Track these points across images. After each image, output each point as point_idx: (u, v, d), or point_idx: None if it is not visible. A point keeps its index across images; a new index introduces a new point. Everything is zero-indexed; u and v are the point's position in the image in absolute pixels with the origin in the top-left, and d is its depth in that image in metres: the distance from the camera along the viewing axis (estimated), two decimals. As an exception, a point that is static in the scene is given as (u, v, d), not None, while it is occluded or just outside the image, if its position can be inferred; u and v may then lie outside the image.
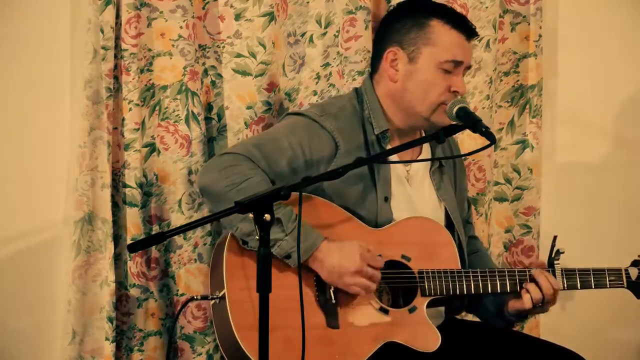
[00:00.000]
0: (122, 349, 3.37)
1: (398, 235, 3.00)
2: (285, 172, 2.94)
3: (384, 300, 2.98)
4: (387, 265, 2.96)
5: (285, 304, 2.78)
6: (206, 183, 2.93)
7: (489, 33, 3.59)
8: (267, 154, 2.94)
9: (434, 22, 3.02)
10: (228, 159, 2.93)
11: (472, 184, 3.67)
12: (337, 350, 2.87)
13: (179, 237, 3.38)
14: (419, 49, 3.02)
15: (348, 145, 3.01)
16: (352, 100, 3.11)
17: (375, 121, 3.06)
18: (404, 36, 3.03)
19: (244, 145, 3.00)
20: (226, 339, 2.85)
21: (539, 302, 3.02)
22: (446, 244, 3.05)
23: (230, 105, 3.42)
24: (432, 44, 3.01)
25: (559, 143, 3.82)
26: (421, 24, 3.02)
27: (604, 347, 3.86)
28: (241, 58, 3.39)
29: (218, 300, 2.86)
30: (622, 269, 3.14)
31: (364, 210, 3.01)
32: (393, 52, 3.04)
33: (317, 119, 3.02)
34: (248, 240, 2.87)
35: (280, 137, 2.98)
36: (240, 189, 2.85)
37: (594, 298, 3.81)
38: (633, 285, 3.14)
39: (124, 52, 3.26)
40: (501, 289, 3.03)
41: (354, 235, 2.95)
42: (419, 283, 2.97)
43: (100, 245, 3.29)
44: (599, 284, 3.11)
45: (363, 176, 3.01)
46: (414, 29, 3.02)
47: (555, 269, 3.07)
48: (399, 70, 3.04)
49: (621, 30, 3.82)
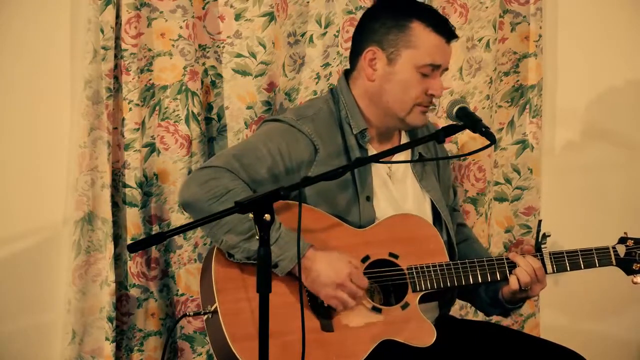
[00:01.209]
0: (122, 349, 3.37)
1: (383, 234, 2.99)
2: (266, 179, 2.94)
3: (376, 300, 2.98)
4: (376, 265, 2.96)
5: (279, 310, 2.78)
6: (188, 198, 2.91)
7: (489, 33, 3.60)
8: (246, 165, 2.93)
9: (415, 24, 2.99)
10: (208, 172, 2.91)
11: (472, 184, 3.67)
12: (334, 352, 2.87)
13: (179, 237, 3.38)
14: (399, 50, 2.99)
15: (327, 148, 3.01)
16: (328, 101, 3.10)
17: (353, 121, 3.05)
18: (383, 36, 3.01)
19: (223, 157, 2.98)
20: (222, 352, 2.85)
21: (526, 285, 3.01)
22: (432, 237, 3.04)
23: (230, 105, 3.42)
24: (412, 46, 2.98)
25: (559, 143, 3.82)
26: (402, 25, 2.99)
27: (604, 347, 3.86)
28: (241, 58, 3.39)
29: (210, 314, 2.86)
30: (609, 247, 3.13)
31: (347, 212, 3.00)
32: (372, 51, 3.02)
33: (294, 124, 3.01)
34: (233, 253, 2.87)
35: (259, 146, 2.97)
36: (222, 202, 2.84)
37: (594, 298, 3.81)
38: (622, 262, 3.13)
39: (124, 52, 3.26)
40: (491, 277, 3.03)
41: (339, 237, 2.95)
42: (409, 279, 2.97)
43: (100, 245, 3.29)
44: (587, 263, 3.10)
45: (343, 178, 2.99)
46: (394, 30, 3.00)
47: (543, 252, 3.07)
48: (377, 70, 3.02)
49: (621, 30, 3.82)
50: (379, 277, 2.97)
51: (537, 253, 3.07)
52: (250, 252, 2.84)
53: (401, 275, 2.97)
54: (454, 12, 3.61)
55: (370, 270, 2.95)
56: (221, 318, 2.82)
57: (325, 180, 2.78)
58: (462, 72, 3.63)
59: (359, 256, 2.95)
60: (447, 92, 3.65)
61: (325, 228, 2.95)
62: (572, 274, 3.18)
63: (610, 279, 3.52)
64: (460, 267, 3.01)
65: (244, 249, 2.85)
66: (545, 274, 3.05)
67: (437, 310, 3.12)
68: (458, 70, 3.63)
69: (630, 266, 3.13)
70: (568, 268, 3.08)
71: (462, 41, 3.62)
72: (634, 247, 3.12)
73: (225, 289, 2.86)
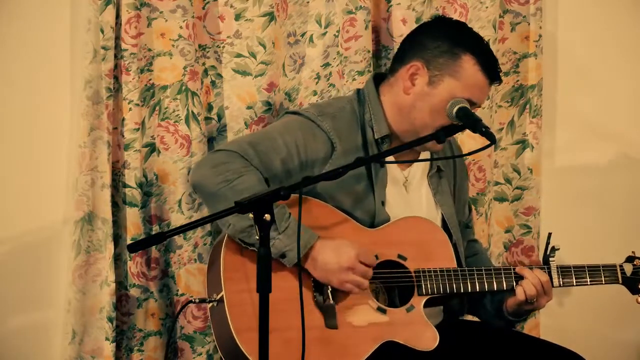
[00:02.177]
0: (122, 349, 3.37)
1: (394, 235, 3.00)
2: (279, 170, 2.94)
3: (381, 300, 2.99)
4: (384, 265, 2.96)
5: (283, 305, 2.78)
6: (199, 179, 2.92)
7: (489, 33, 3.59)
8: (261, 152, 2.93)
9: (467, 57, 2.98)
10: (221, 155, 2.92)
11: (472, 184, 3.67)
12: (336, 350, 2.87)
13: (179, 237, 3.38)
14: (443, 76, 2.98)
15: (345, 147, 3.00)
16: (353, 102, 3.09)
17: (377, 125, 3.04)
18: (433, 57, 2.99)
19: (238, 142, 2.99)
20: (225, 342, 2.85)
21: (532, 297, 3.02)
22: (442, 243, 3.05)
23: (230, 105, 3.42)
24: (457, 77, 2.98)
25: (559, 143, 3.82)
26: (454, 54, 2.98)
27: (604, 347, 3.86)
28: (241, 58, 3.39)
29: (216, 303, 2.86)
30: (616, 265, 3.15)
31: (361, 212, 3.00)
32: (417, 66, 3.00)
33: (314, 119, 3.01)
34: (243, 238, 2.86)
35: (275, 136, 2.98)
36: (233, 186, 2.84)
37: (594, 298, 3.81)
38: (628, 281, 3.15)
39: (124, 52, 3.26)
40: (497, 286, 3.03)
41: (349, 235, 2.95)
42: (416, 282, 2.98)
43: (100, 245, 3.29)
44: (594, 280, 3.13)
45: (360, 178, 3.00)
46: (445, 55, 2.98)
47: (551, 266, 3.08)
48: (415, 86, 3.01)
49: (621, 30, 3.82)
50: (386, 277, 2.97)
51: (544, 266, 3.08)
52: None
53: (408, 278, 2.98)
54: (454, 12, 3.61)
55: (377, 270, 2.95)
56: (227, 308, 2.82)
57: (326, 180, 2.79)
58: (462, 72, 3.63)
59: None
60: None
61: (335, 224, 2.95)
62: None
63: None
64: (467, 273, 3.01)
65: (252, 233, 2.81)
66: (551, 287, 3.06)
67: (441, 316, 3.12)
68: (458, 70, 3.63)
69: (636, 286, 3.17)
70: (574, 283, 3.10)
71: (462, 41, 3.62)
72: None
73: (233, 278, 2.86)
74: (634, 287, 3.17)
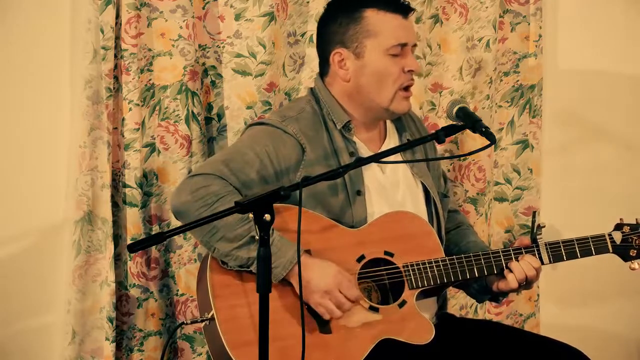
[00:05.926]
0: (122, 349, 3.37)
1: (378, 233, 2.99)
2: (256, 183, 2.94)
3: (373, 299, 2.98)
4: (371, 263, 2.96)
5: (276, 315, 2.79)
6: (179, 207, 2.92)
7: (489, 33, 3.60)
8: (235, 170, 2.93)
9: (368, 12, 3.00)
10: (199, 180, 2.91)
11: (472, 184, 3.67)
12: (333, 354, 2.87)
13: (179, 237, 3.38)
14: (362, 43, 3.00)
15: (314, 147, 3.01)
16: (310, 101, 3.10)
17: (335, 116, 3.05)
18: (343, 35, 3.02)
19: (211, 164, 2.98)
20: (221, 358, 2.85)
21: (523, 281, 3.02)
22: (427, 233, 3.04)
23: (230, 105, 3.42)
24: (373, 34, 3.00)
25: (559, 143, 3.82)
26: (356, 18, 3.00)
27: (604, 345, 3.86)
28: (241, 58, 3.39)
29: (208, 321, 2.86)
30: (605, 234, 3.10)
31: (339, 208, 3.00)
32: (339, 53, 3.03)
33: (279, 125, 3.01)
34: (227, 261, 2.87)
35: (245, 150, 2.97)
36: (213, 209, 2.85)
37: (594, 296, 3.81)
38: (619, 249, 3.09)
39: (124, 52, 3.26)
40: (488, 271, 3.03)
41: (333, 238, 2.94)
42: (405, 277, 2.97)
43: (100, 245, 3.29)
44: (584, 252, 3.07)
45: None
46: (351, 25, 3.01)
47: (539, 243, 3.06)
48: (348, 69, 3.03)
49: (621, 30, 3.82)
50: (375, 276, 2.97)
51: (532, 244, 3.06)
52: (242, 260, 2.85)
53: (397, 273, 2.98)
54: (454, 12, 3.62)
55: (366, 269, 2.95)
56: (218, 325, 2.82)
57: (325, 180, 2.78)
58: (462, 72, 3.63)
59: (355, 256, 2.94)
60: (447, 92, 3.65)
61: (319, 230, 2.95)
62: (572, 270, 3.18)
63: (609, 275, 3.54)
64: (456, 262, 3.01)
65: (236, 256, 2.85)
66: (540, 272, 3.05)
67: (435, 306, 3.12)
68: (458, 70, 3.63)
69: (627, 252, 3.09)
70: (564, 257, 3.06)
71: (462, 41, 3.62)
72: (630, 233, 3.09)
73: (221, 295, 2.86)
74: (626, 255, 3.08)
